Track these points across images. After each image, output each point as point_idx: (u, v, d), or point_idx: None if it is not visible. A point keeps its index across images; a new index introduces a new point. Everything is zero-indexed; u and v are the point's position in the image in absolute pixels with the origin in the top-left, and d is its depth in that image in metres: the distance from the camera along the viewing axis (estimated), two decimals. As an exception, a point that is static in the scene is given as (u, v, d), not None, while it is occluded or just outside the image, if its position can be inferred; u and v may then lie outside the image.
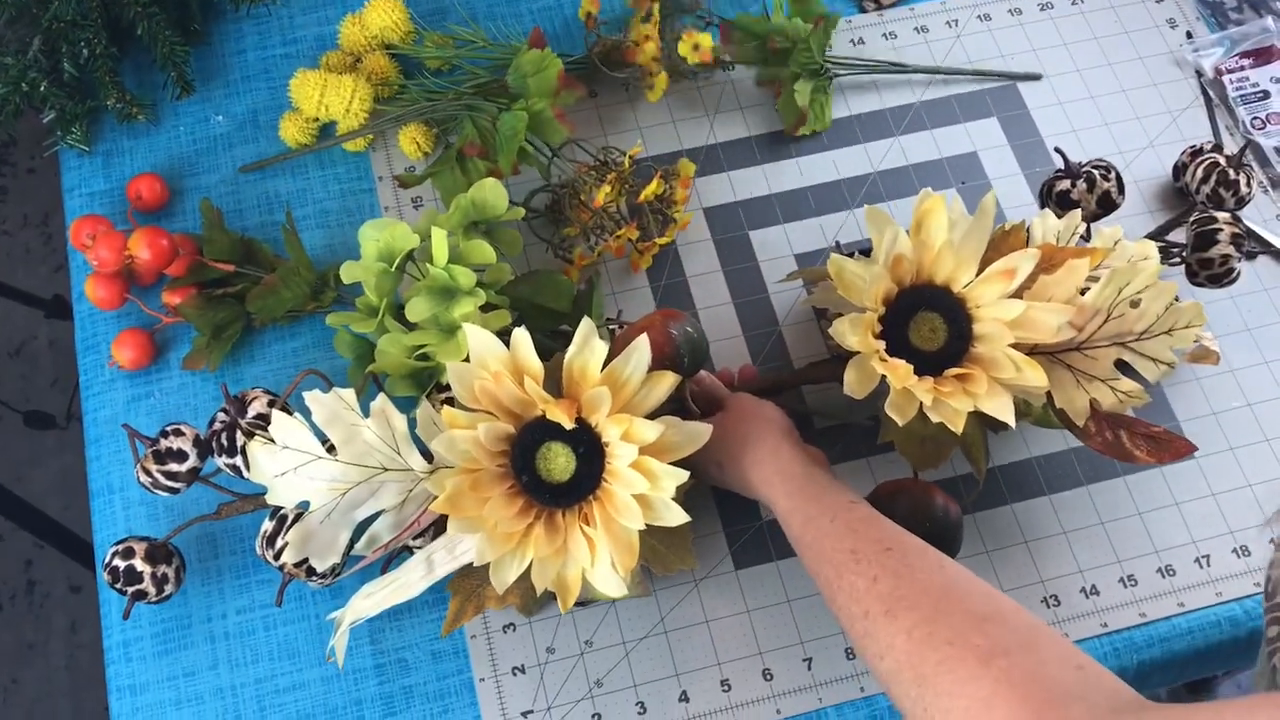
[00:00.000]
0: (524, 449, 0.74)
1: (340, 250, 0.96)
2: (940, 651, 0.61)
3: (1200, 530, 0.88)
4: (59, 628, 1.64)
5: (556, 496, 0.74)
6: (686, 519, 0.73)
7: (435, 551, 0.78)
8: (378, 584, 0.78)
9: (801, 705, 0.81)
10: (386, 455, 0.76)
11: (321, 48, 1.04)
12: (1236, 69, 1.05)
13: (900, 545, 0.69)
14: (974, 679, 0.58)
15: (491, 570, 0.73)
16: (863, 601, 0.66)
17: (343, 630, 0.77)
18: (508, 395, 0.73)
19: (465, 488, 0.72)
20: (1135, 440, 0.81)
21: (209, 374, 0.91)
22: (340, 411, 0.75)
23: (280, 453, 0.75)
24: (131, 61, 1.03)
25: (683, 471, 0.72)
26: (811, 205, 0.99)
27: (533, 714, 0.81)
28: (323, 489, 0.75)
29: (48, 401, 1.78)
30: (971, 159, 1.02)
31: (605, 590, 0.73)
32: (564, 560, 0.74)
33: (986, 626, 0.61)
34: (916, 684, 0.62)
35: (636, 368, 0.74)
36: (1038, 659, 0.59)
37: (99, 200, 0.98)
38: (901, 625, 0.63)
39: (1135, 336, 0.78)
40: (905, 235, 0.77)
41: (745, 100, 1.04)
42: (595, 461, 0.73)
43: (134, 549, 0.79)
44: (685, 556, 0.78)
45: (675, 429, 0.74)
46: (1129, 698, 0.56)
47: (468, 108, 0.95)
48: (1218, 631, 0.84)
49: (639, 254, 0.94)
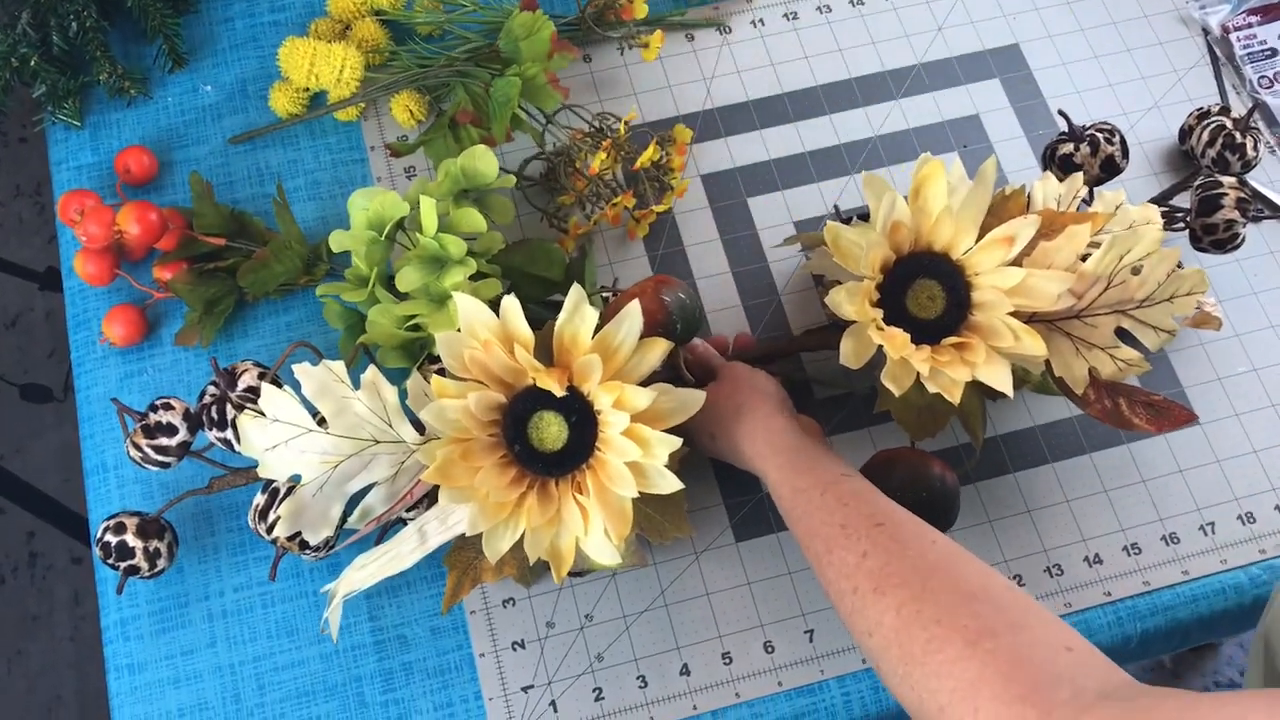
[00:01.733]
0: (516, 418, 0.73)
1: (333, 222, 0.94)
2: (928, 630, 0.60)
3: (1205, 497, 0.87)
4: (62, 599, 1.64)
5: (549, 466, 0.73)
6: (680, 486, 0.72)
7: (428, 522, 0.77)
8: (370, 555, 0.78)
9: (803, 677, 0.81)
10: (378, 427, 0.75)
11: (310, 15, 1.02)
12: (1244, 26, 1.03)
13: (891, 520, 0.68)
14: (961, 660, 0.58)
15: (484, 540, 0.73)
16: (852, 577, 0.66)
17: (336, 602, 0.77)
18: (498, 364, 0.72)
19: (456, 457, 0.72)
20: (1134, 408, 0.80)
21: (202, 350, 0.90)
22: (330, 384, 0.74)
23: (271, 426, 0.74)
24: (119, 33, 1.01)
25: (675, 438, 0.72)
26: (811, 171, 0.98)
27: (533, 688, 0.80)
28: (314, 462, 0.74)
29: (45, 374, 1.77)
30: (973, 121, 1.00)
31: (599, 559, 0.73)
32: (557, 530, 0.73)
33: (975, 606, 0.60)
34: (904, 662, 0.61)
35: (628, 334, 0.73)
36: (1026, 640, 0.58)
37: (87, 174, 0.96)
38: (890, 602, 0.63)
39: (1136, 304, 0.77)
40: (903, 202, 0.76)
41: (743, 63, 1.02)
42: (588, 430, 0.73)
43: (125, 524, 0.78)
44: (681, 524, 0.78)
45: (668, 396, 0.73)
46: (1119, 681, 0.56)
47: (460, 74, 0.93)
48: (1222, 599, 0.84)
49: (635, 222, 0.93)
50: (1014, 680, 0.56)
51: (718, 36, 1.03)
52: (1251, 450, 0.88)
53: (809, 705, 0.80)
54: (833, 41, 1.03)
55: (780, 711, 0.80)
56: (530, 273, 0.86)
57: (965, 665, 0.58)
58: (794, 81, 1.01)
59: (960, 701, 0.57)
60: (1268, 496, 0.87)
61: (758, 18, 1.04)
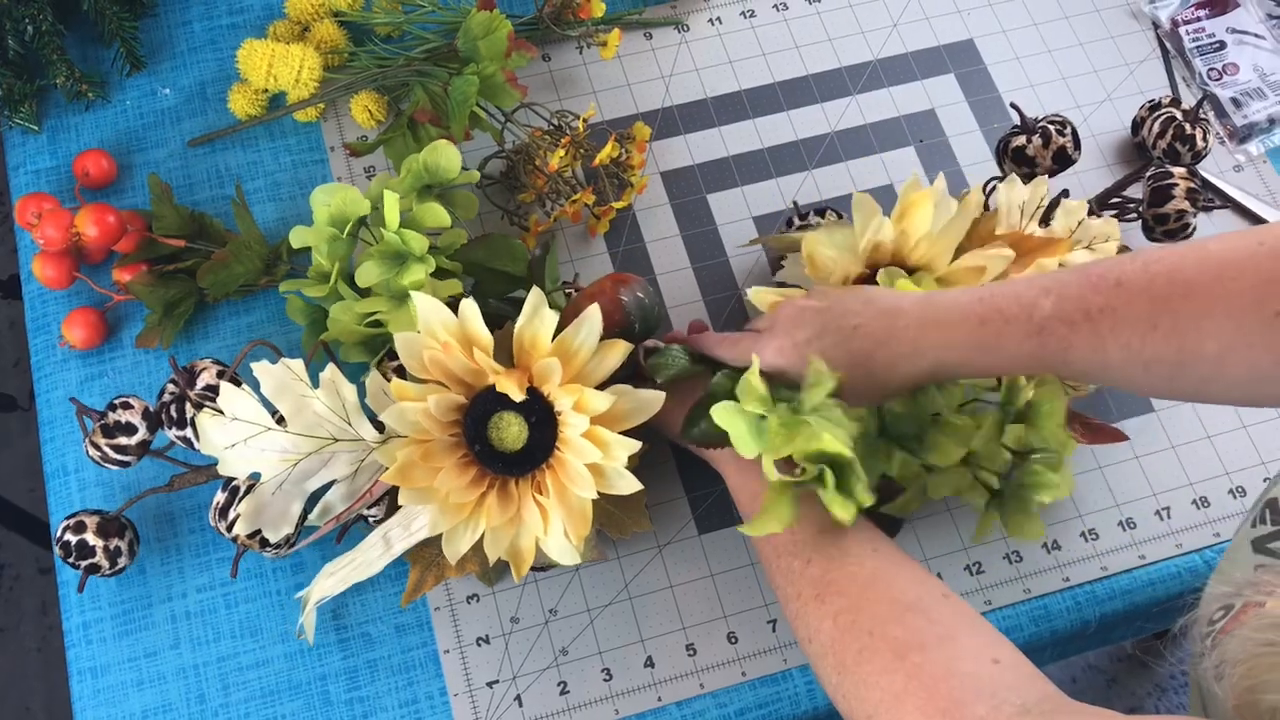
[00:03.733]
0: (476, 419, 0.73)
1: (293, 222, 0.94)
2: (860, 640, 0.61)
3: (1161, 482, 0.88)
4: (30, 610, 1.63)
5: (509, 465, 0.74)
6: (639, 487, 0.73)
7: (391, 529, 0.78)
8: (339, 563, 0.78)
9: (767, 667, 0.82)
10: (337, 426, 0.75)
11: (269, 17, 1.02)
12: (1193, 19, 1.05)
13: (836, 528, 0.68)
14: (888, 672, 0.59)
15: (444, 541, 0.73)
16: (796, 583, 0.67)
17: (310, 608, 0.77)
18: (458, 365, 0.73)
19: (416, 458, 0.72)
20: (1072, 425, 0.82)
21: (163, 352, 0.90)
22: (289, 382, 0.74)
23: (230, 424, 0.74)
24: (76, 36, 1.00)
25: (634, 442, 0.72)
26: (770, 167, 0.98)
27: (498, 684, 0.80)
28: (274, 460, 0.75)
29: (8, 383, 1.76)
30: (929, 116, 1.01)
31: (559, 559, 0.73)
32: (518, 530, 0.74)
33: (908, 617, 0.62)
34: (838, 670, 0.62)
35: (587, 338, 0.73)
36: (952, 654, 0.59)
37: (45, 178, 0.96)
38: (829, 610, 0.64)
39: None
40: (889, 226, 0.77)
41: (701, 61, 1.03)
42: (548, 430, 0.73)
43: (85, 523, 0.78)
44: (640, 519, 0.78)
45: (627, 398, 0.74)
46: (1042, 694, 0.56)
47: (418, 74, 0.93)
48: (1178, 583, 0.85)
49: (596, 219, 0.94)
50: (936, 694, 0.57)
51: (676, 35, 1.04)
52: (1205, 436, 0.90)
53: (772, 694, 0.81)
54: (790, 39, 1.04)
55: (744, 701, 0.81)
56: (493, 268, 0.86)
57: (892, 678, 0.59)
58: (752, 79, 1.02)
59: (885, 712, 0.59)
60: (1221, 481, 0.88)
61: (715, 16, 1.05)
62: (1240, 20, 1.04)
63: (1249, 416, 0.90)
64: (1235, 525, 0.87)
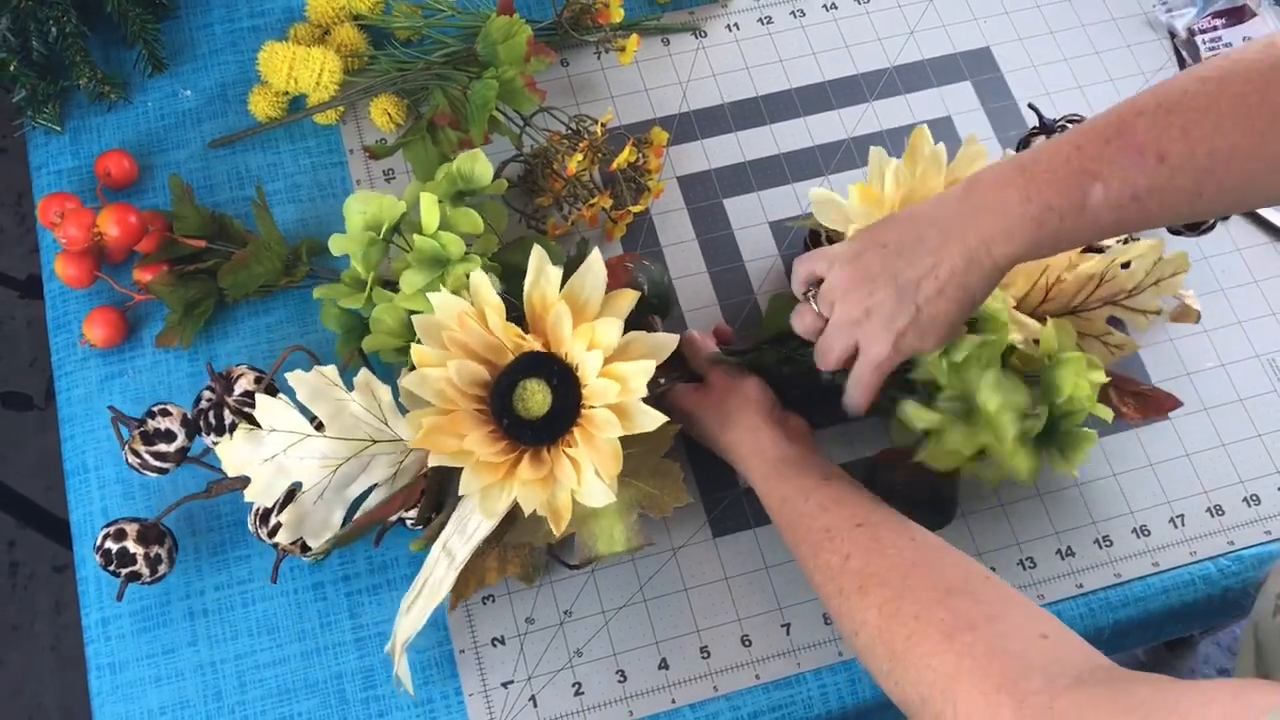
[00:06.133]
0: (501, 394, 0.74)
1: (312, 224, 0.95)
2: (908, 627, 0.62)
3: (1175, 490, 0.88)
4: (44, 609, 1.64)
5: (538, 433, 0.74)
6: (663, 419, 0.73)
7: (449, 539, 0.78)
8: (409, 595, 0.78)
9: (780, 670, 0.82)
10: (374, 427, 0.76)
11: (289, 20, 1.03)
12: (1209, 29, 1.05)
13: (871, 521, 0.69)
14: (939, 654, 0.60)
15: (480, 500, 0.73)
16: (837, 579, 0.67)
17: (400, 655, 0.77)
18: (477, 341, 0.74)
19: (443, 424, 0.73)
20: (1124, 398, 0.83)
21: (183, 351, 0.90)
22: (323, 388, 0.75)
23: (268, 436, 0.74)
24: (99, 38, 1.01)
25: (651, 362, 0.73)
26: (786, 172, 0.99)
27: (513, 684, 0.81)
28: (314, 467, 0.75)
29: (26, 382, 1.77)
30: (945, 123, 1.01)
31: (597, 502, 0.73)
32: (552, 489, 0.74)
33: (951, 600, 0.62)
34: (888, 659, 0.63)
35: (593, 284, 0.75)
36: (1001, 631, 0.59)
37: (68, 178, 0.97)
38: (872, 601, 0.64)
39: (1126, 294, 0.81)
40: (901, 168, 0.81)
41: (718, 67, 1.03)
42: (570, 392, 0.74)
43: (126, 531, 0.78)
44: (679, 494, 0.78)
45: (640, 340, 0.75)
46: (1095, 664, 0.57)
47: (438, 77, 0.94)
48: (1192, 590, 0.85)
49: (613, 223, 0.94)
50: (990, 672, 0.57)
51: (693, 41, 1.04)
52: (1220, 444, 0.90)
53: (786, 698, 0.81)
54: (806, 45, 1.04)
55: (758, 704, 0.81)
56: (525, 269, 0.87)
57: (943, 659, 0.59)
58: (768, 85, 1.02)
59: (940, 694, 0.59)
60: (1235, 489, 0.88)
61: (732, 22, 1.05)
62: (1256, 29, 1.05)
63: (1263, 425, 0.90)
64: (1250, 533, 0.87)
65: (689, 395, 0.83)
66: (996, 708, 0.56)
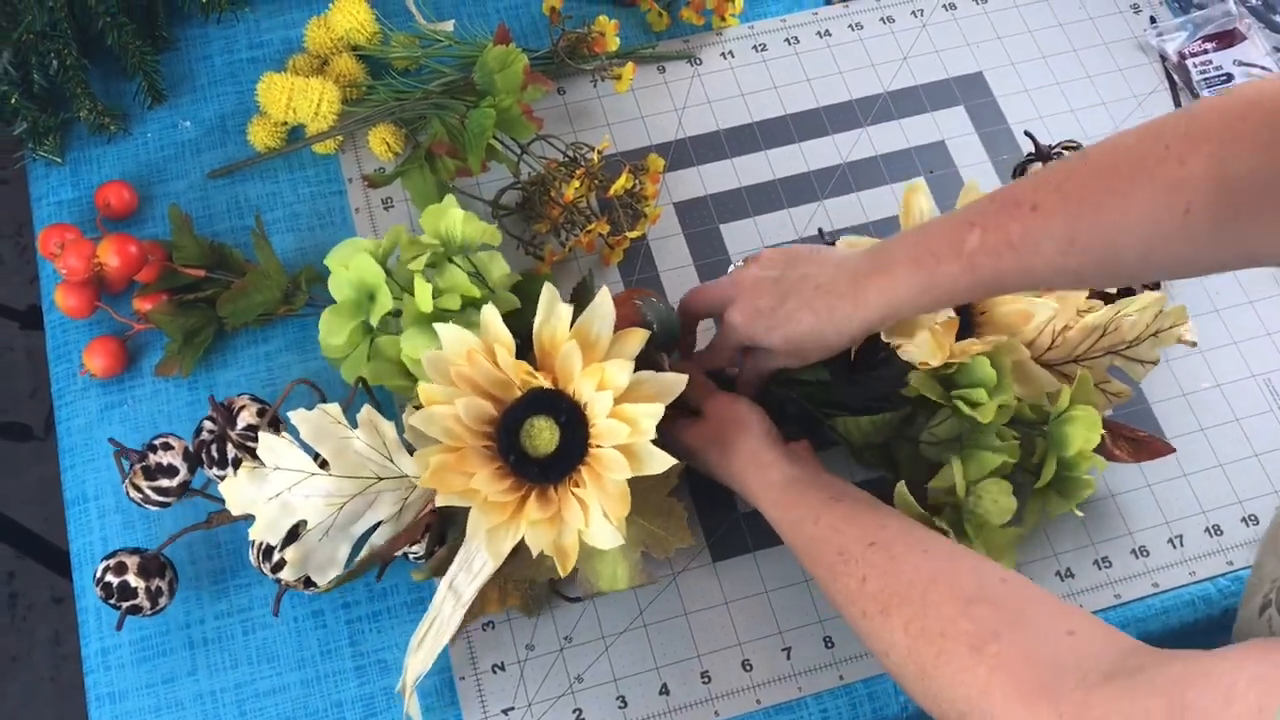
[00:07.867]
0: (508, 430, 0.74)
1: (311, 253, 0.95)
2: (935, 644, 0.62)
3: (1173, 511, 0.88)
4: (42, 639, 1.64)
5: (545, 471, 0.74)
6: (672, 462, 0.73)
7: (455, 577, 0.77)
8: (417, 634, 0.78)
9: (781, 694, 0.82)
10: (379, 464, 0.76)
11: (288, 51, 1.04)
12: (1200, 53, 1.06)
13: (883, 538, 0.69)
14: (969, 669, 0.59)
15: (487, 541, 0.73)
16: (858, 602, 0.68)
17: (410, 694, 0.77)
18: (484, 376, 0.74)
19: (451, 463, 0.72)
20: (1118, 441, 0.85)
21: (182, 380, 0.91)
22: (327, 426, 0.74)
23: (272, 474, 0.74)
24: (99, 70, 1.02)
25: (659, 406, 0.73)
26: (781, 197, 1.00)
27: (514, 711, 0.81)
28: (319, 505, 0.75)
29: (25, 413, 1.77)
30: (939, 148, 1.02)
31: (604, 544, 0.73)
32: (559, 529, 0.74)
33: (974, 610, 0.62)
34: (921, 678, 0.63)
35: (602, 323, 0.75)
36: (1028, 636, 0.59)
37: (68, 209, 0.97)
38: (897, 622, 0.65)
39: (1127, 345, 0.83)
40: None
41: (713, 94, 1.04)
42: (578, 430, 0.74)
43: (126, 564, 0.77)
44: (682, 534, 0.78)
45: (649, 380, 0.75)
46: (1126, 649, 0.57)
47: (436, 106, 0.95)
48: (1192, 611, 0.85)
49: (610, 249, 0.95)
50: (1023, 679, 0.57)
51: (689, 68, 1.05)
52: (1218, 464, 0.90)
53: (787, 722, 0.81)
54: (801, 72, 1.05)
55: (759, 729, 0.81)
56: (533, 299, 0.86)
57: (975, 673, 0.59)
58: (764, 111, 1.03)
59: (976, 709, 0.59)
60: (1234, 509, 0.88)
61: (727, 49, 1.06)
62: (1247, 53, 1.06)
63: (1260, 445, 0.91)
64: (1248, 553, 0.87)
65: (687, 430, 0.82)
66: (1034, 713, 0.56)
